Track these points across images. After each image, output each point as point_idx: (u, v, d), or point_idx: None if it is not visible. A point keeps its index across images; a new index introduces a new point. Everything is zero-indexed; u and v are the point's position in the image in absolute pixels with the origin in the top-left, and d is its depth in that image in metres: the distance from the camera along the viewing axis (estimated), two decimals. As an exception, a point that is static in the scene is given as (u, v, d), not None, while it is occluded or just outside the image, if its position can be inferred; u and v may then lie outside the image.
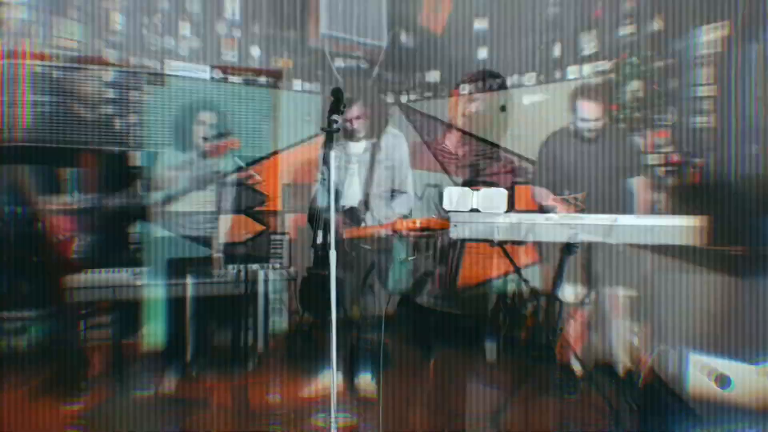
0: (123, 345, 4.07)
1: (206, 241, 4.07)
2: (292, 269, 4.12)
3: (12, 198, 4.35)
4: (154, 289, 3.74)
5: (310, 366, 4.03)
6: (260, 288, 4.17)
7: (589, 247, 3.55)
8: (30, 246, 4.25)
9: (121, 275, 3.80)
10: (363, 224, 3.95)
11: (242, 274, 3.75)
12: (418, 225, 3.45)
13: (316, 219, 4.04)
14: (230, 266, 3.95)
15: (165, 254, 4.02)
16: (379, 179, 4.08)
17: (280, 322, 4.90)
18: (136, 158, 4.89)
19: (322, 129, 3.96)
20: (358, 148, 4.12)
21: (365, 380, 3.99)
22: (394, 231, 3.57)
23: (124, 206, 4.52)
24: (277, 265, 4.22)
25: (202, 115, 4.02)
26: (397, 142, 4.15)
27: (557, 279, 3.63)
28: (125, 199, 4.51)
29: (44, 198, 4.33)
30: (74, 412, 3.60)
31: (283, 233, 4.93)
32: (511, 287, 4.43)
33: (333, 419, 2.77)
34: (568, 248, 3.47)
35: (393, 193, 4.10)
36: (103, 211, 4.42)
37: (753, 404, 2.95)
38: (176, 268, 3.86)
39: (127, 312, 3.99)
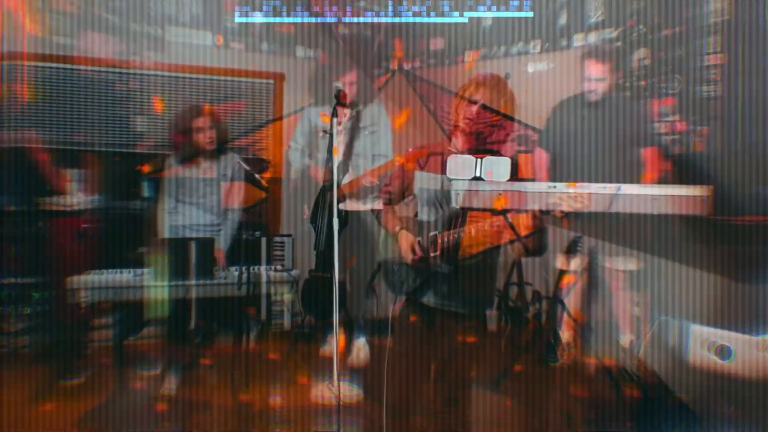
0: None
1: (209, 210, 4.07)
2: (294, 271, 4.11)
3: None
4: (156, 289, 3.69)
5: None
6: (262, 289, 4.15)
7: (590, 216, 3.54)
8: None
9: (123, 276, 3.75)
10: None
11: (244, 275, 3.70)
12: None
13: (318, 220, 4.11)
14: (233, 267, 3.93)
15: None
16: (363, 145, 4.19)
17: (282, 323, 4.93)
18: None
19: (324, 131, 4.11)
20: (345, 115, 4.24)
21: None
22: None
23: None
24: (279, 267, 4.20)
25: (196, 122, 3.99)
26: (381, 110, 4.28)
27: (559, 281, 3.64)
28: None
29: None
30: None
31: (285, 235, 4.92)
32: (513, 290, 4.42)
33: (337, 381, 2.78)
34: (570, 249, 3.48)
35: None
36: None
37: (753, 376, 2.96)
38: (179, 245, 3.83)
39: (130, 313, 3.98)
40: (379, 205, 2.79)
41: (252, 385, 3.76)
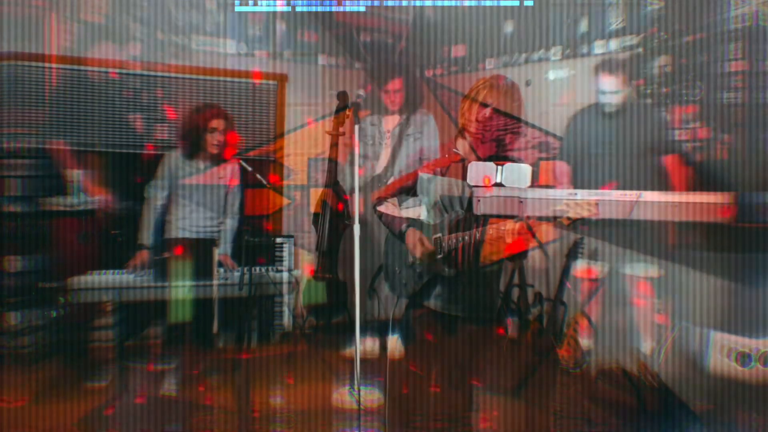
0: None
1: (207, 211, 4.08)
2: (296, 272, 4.14)
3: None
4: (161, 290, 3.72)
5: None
6: (264, 290, 4.18)
7: (610, 223, 3.54)
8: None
9: (125, 276, 3.76)
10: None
11: (246, 276, 3.72)
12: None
13: (321, 223, 4.13)
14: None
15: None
16: (407, 150, 4.22)
17: (283, 324, 4.96)
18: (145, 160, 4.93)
19: (328, 132, 4.11)
20: (392, 123, 4.29)
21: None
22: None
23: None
24: (281, 268, 4.22)
25: (212, 122, 3.98)
26: (427, 118, 4.32)
27: (562, 282, 3.65)
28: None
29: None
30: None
31: (286, 236, 4.95)
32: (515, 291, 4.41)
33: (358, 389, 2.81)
34: (573, 252, 3.48)
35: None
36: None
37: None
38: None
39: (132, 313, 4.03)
40: (413, 212, 2.82)
41: (257, 387, 3.81)
